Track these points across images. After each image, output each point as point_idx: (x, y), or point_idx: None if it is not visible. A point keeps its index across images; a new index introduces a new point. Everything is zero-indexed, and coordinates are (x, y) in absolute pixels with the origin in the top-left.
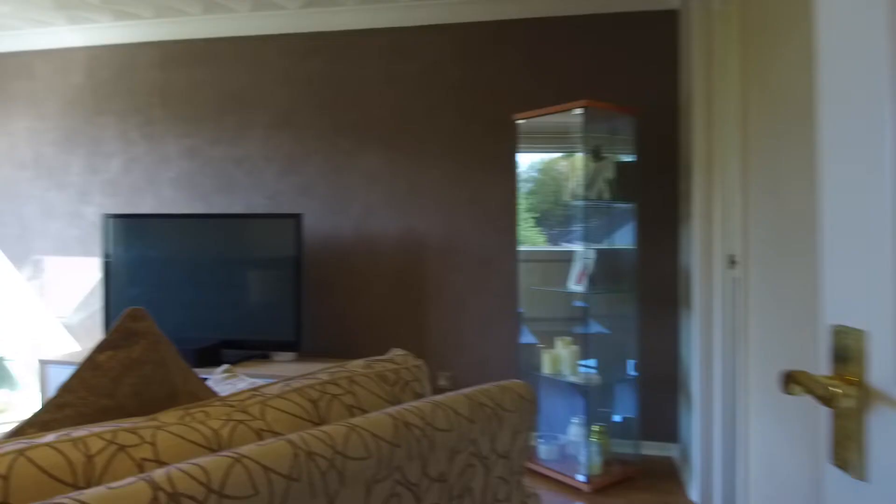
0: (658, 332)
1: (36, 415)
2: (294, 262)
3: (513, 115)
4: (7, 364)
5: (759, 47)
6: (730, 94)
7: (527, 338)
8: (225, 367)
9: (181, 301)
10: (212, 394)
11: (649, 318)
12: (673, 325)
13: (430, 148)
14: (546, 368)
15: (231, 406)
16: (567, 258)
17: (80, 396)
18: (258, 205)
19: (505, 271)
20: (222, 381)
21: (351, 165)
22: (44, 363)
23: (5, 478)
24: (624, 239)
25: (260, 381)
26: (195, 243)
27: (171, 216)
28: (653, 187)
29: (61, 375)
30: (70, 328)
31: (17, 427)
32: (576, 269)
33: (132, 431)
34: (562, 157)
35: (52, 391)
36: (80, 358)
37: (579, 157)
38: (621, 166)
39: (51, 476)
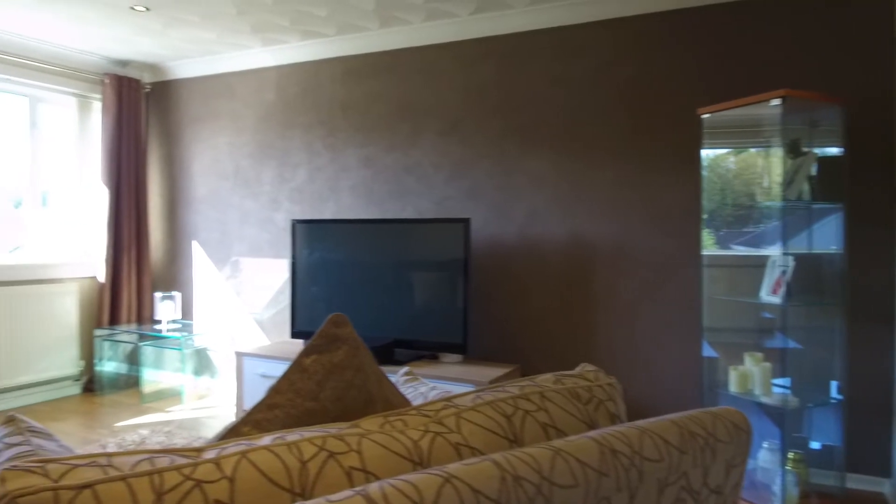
0: (869, 351)
1: (250, 414)
2: (462, 265)
3: (691, 109)
4: (209, 354)
5: None
6: None
7: (706, 351)
8: (405, 369)
9: (358, 301)
10: (403, 399)
11: (858, 334)
12: (889, 343)
13: (600, 148)
14: (733, 386)
15: (427, 416)
16: (751, 263)
17: (289, 398)
18: (427, 210)
19: (682, 277)
20: (403, 383)
21: (517, 169)
22: (239, 355)
23: (231, 480)
24: (825, 243)
25: (439, 385)
26: (370, 247)
27: (348, 221)
28: (863, 185)
29: (254, 366)
30: (261, 323)
31: (233, 425)
32: (771, 276)
33: (339, 438)
34: (733, 153)
35: (246, 380)
36: (270, 351)
37: (775, 152)
38: (824, 162)
39: (270, 480)
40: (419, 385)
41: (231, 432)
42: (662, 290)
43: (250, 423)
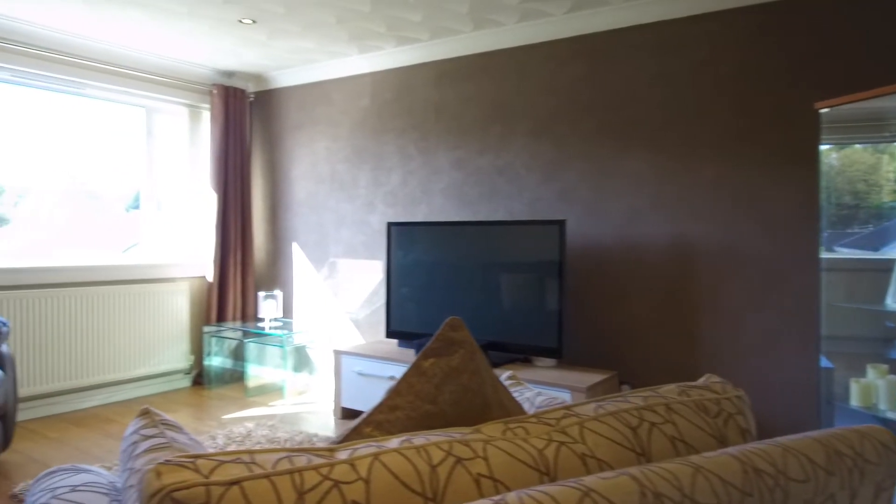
0: None
1: (371, 414)
2: (556, 268)
3: (800, 104)
4: (308, 351)
5: None
6: None
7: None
8: (509, 373)
9: (452, 302)
10: (517, 405)
11: None
12: None
13: (703, 146)
14: (854, 400)
15: (549, 425)
16: (869, 267)
17: (409, 400)
18: (518, 211)
19: (793, 282)
20: (508, 387)
21: (612, 169)
22: (338, 353)
23: (366, 481)
24: None
25: (545, 391)
26: (464, 248)
27: (441, 224)
28: None
29: (351, 364)
30: (356, 322)
31: (356, 425)
32: None
33: (465, 443)
34: (835, 149)
35: (344, 377)
36: (366, 350)
37: None
38: None
39: (403, 483)
40: (524, 390)
41: (354, 432)
42: (772, 295)
43: (372, 423)
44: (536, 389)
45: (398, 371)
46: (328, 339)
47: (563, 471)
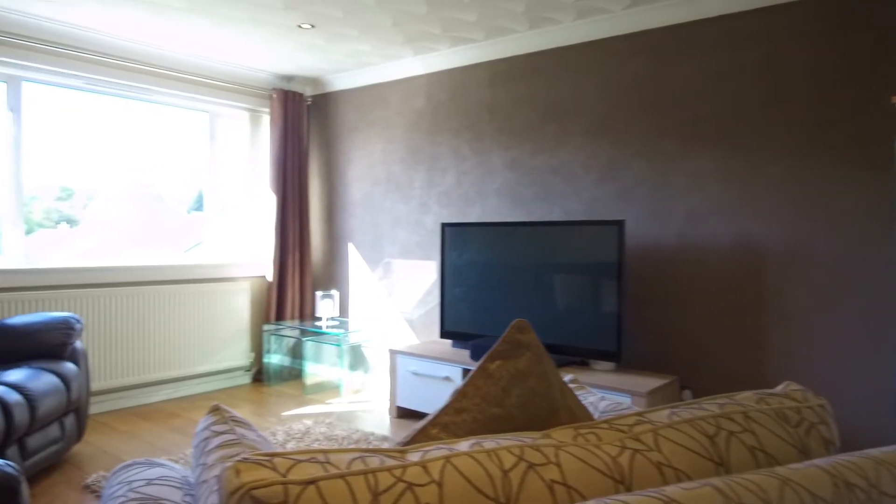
0: None
1: (438, 416)
2: (615, 269)
3: (877, 99)
4: (363, 350)
5: None
6: None
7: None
8: (570, 377)
9: (506, 304)
10: (585, 410)
11: None
12: None
13: (770, 144)
14: None
15: (621, 431)
16: None
17: (475, 403)
18: (575, 211)
19: (868, 285)
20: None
21: (673, 168)
22: (393, 353)
23: (439, 484)
24: None
25: (608, 395)
26: (519, 249)
27: (495, 224)
28: None
29: (406, 363)
30: (410, 322)
31: (422, 426)
32: None
33: (536, 448)
34: None
35: (399, 377)
36: (421, 350)
37: None
38: None
39: (475, 488)
40: (587, 394)
41: (421, 434)
42: (844, 298)
43: (438, 425)
44: (600, 394)
45: (453, 371)
46: (383, 338)
47: (638, 479)
